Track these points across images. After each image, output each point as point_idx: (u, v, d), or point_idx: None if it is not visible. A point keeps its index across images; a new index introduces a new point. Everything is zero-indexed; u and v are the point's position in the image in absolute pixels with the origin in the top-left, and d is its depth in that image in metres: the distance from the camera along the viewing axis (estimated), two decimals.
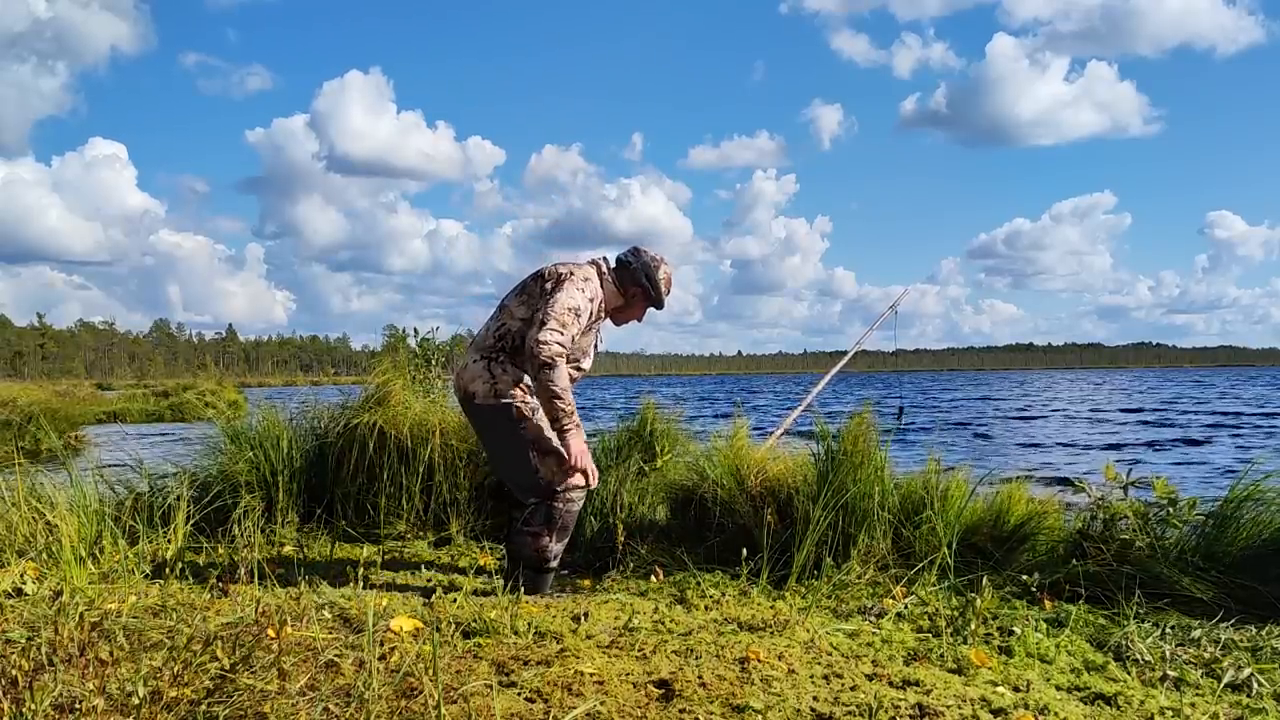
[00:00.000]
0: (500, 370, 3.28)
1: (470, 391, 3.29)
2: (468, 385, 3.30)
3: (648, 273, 3.53)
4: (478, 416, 3.33)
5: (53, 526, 3.54)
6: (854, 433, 3.75)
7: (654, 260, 3.56)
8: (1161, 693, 2.28)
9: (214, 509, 4.18)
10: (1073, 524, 3.69)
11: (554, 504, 3.25)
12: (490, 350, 3.32)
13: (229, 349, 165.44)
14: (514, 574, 3.26)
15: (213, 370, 43.80)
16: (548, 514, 3.25)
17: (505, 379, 3.27)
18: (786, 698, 1.96)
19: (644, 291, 3.54)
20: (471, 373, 3.31)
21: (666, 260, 3.60)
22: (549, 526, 3.25)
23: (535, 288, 3.34)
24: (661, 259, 3.58)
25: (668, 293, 3.62)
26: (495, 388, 3.26)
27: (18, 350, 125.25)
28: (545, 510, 3.25)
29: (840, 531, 3.62)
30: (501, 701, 1.87)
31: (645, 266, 3.53)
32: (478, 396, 3.28)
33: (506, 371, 3.28)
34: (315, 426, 4.69)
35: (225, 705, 1.70)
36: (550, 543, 3.26)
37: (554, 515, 3.25)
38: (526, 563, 3.25)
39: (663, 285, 3.58)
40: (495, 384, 3.26)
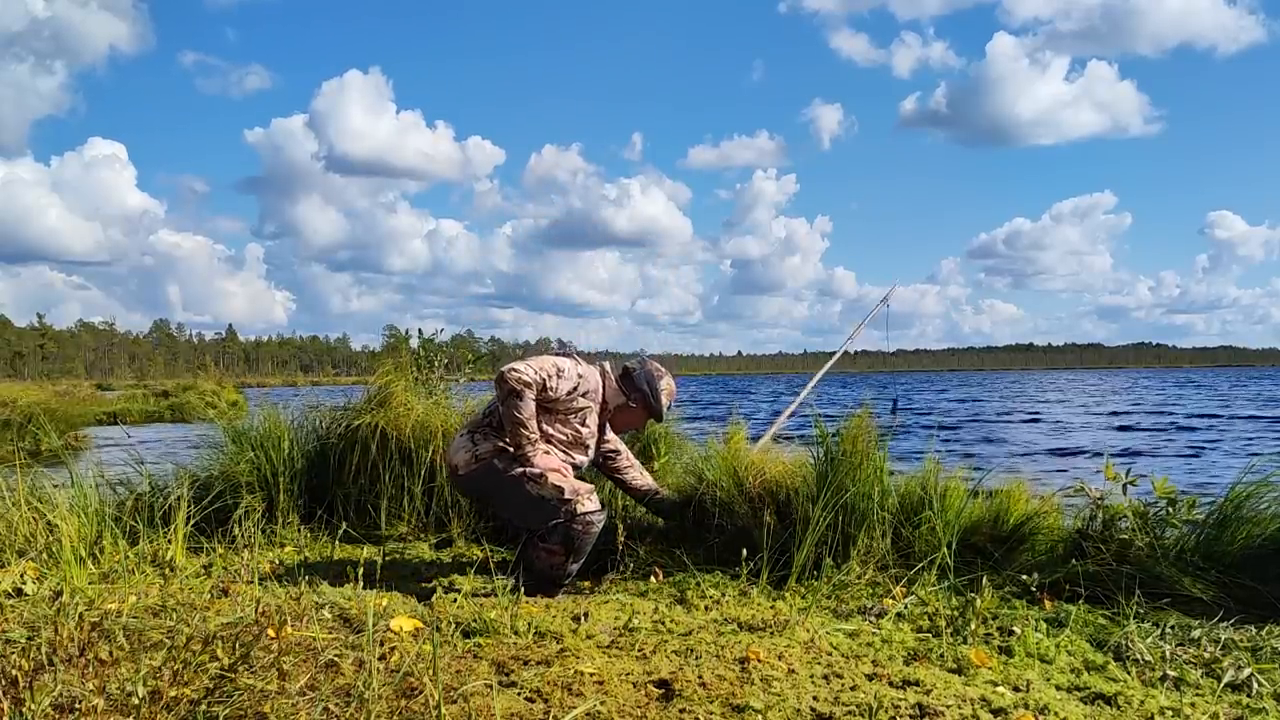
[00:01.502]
0: (481, 438, 3.44)
1: (453, 465, 3.45)
2: (451, 459, 3.46)
3: (650, 381, 3.66)
4: (468, 486, 3.48)
5: (53, 526, 3.54)
6: (853, 433, 3.75)
7: (658, 371, 3.69)
8: (1161, 693, 2.28)
9: (215, 509, 4.18)
10: (1072, 524, 3.68)
11: (572, 525, 3.28)
12: (477, 425, 3.49)
13: (229, 349, 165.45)
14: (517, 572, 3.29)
15: (213, 370, 43.75)
16: (565, 534, 3.28)
17: (485, 445, 3.42)
18: (786, 698, 1.96)
19: (643, 398, 3.64)
20: (455, 446, 3.48)
21: (669, 374, 3.74)
22: (566, 547, 3.29)
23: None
24: (665, 372, 3.72)
25: (669, 405, 3.74)
26: (475, 454, 3.41)
27: (18, 350, 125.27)
28: (564, 532, 3.28)
29: (840, 532, 3.61)
30: (501, 701, 1.88)
31: (649, 376, 3.67)
32: (460, 468, 3.42)
33: (487, 439, 3.43)
34: (317, 427, 4.69)
35: (225, 705, 1.70)
36: (566, 562, 3.31)
37: (571, 536, 3.28)
38: (540, 575, 3.30)
39: (664, 396, 3.68)
40: (475, 450, 3.42)
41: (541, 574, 3.30)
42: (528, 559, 3.33)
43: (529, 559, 3.33)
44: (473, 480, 3.44)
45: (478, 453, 3.42)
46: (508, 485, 3.35)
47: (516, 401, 3.29)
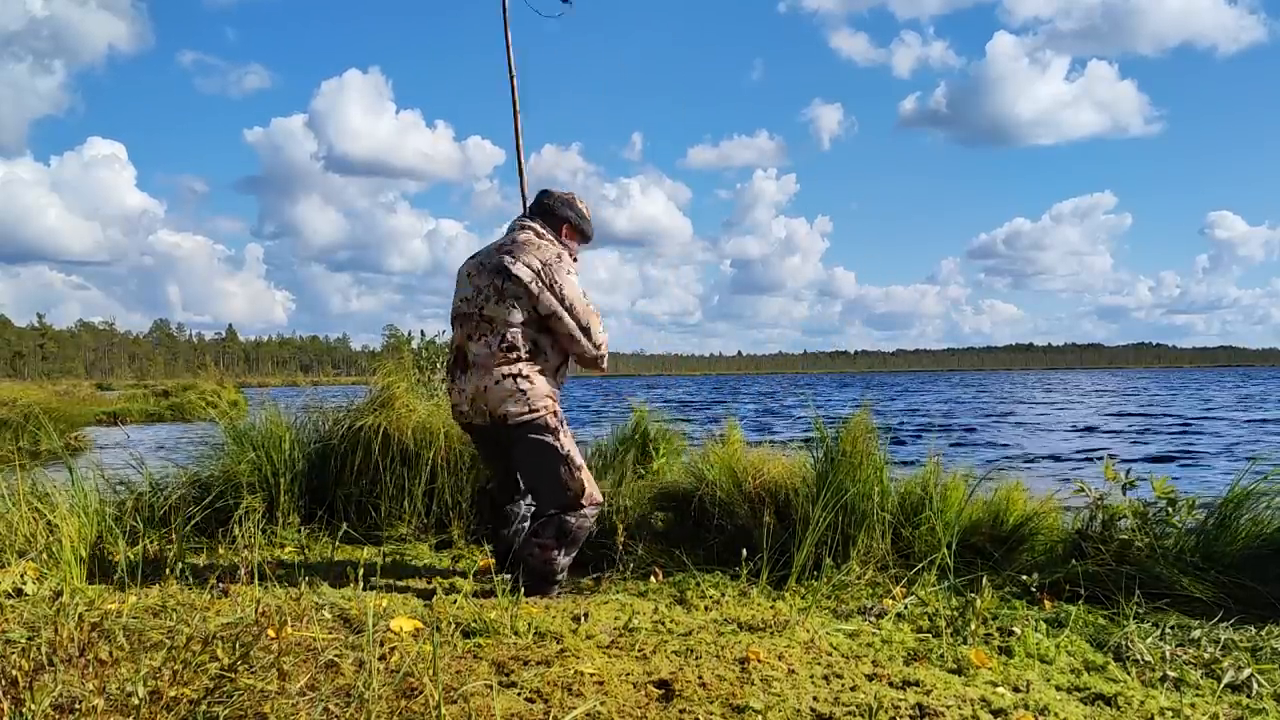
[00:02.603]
0: (528, 384, 3.19)
1: (501, 414, 3.18)
2: (496, 409, 3.18)
3: (569, 205, 3.46)
4: (513, 436, 3.23)
5: (53, 526, 3.54)
6: (853, 433, 3.75)
7: (566, 194, 3.49)
8: (1161, 693, 2.28)
9: (215, 509, 4.18)
10: (1072, 524, 3.68)
11: (568, 518, 3.23)
12: (505, 365, 3.19)
13: (229, 349, 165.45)
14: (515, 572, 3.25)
15: (213, 370, 43.62)
16: (561, 527, 3.22)
17: (535, 390, 3.20)
18: (786, 698, 1.96)
19: (571, 226, 3.45)
20: (499, 394, 3.17)
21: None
22: (560, 540, 3.23)
23: (516, 288, 3.18)
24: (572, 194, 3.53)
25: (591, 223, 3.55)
26: (529, 403, 3.18)
27: (18, 350, 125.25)
28: (559, 524, 3.23)
29: (839, 532, 3.62)
30: (501, 701, 1.88)
31: (562, 200, 3.45)
32: (510, 417, 3.18)
33: (534, 383, 3.20)
34: (318, 428, 4.69)
35: (225, 705, 1.70)
36: (559, 556, 3.24)
37: (567, 529, 3.23)
38: (533, 572, 3.23)
39: (586, 212, 3.51)
40: (528, 399, 3.18)
41: (535, 570, 3.23)
42: (522, 556, 3.28)
43: (523, 555, 3.27)
44: (518, 433, 3.21)
45: (531, 402, 3.19)
46: (549, 453, 3.23)
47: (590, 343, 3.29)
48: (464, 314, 3.28)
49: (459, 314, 3.31)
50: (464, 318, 3.28)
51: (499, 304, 3.20)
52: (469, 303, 3.27)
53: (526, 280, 3.17)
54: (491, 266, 3.24)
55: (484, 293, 3.23)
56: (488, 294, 3.22)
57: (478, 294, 3.25)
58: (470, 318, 3.26)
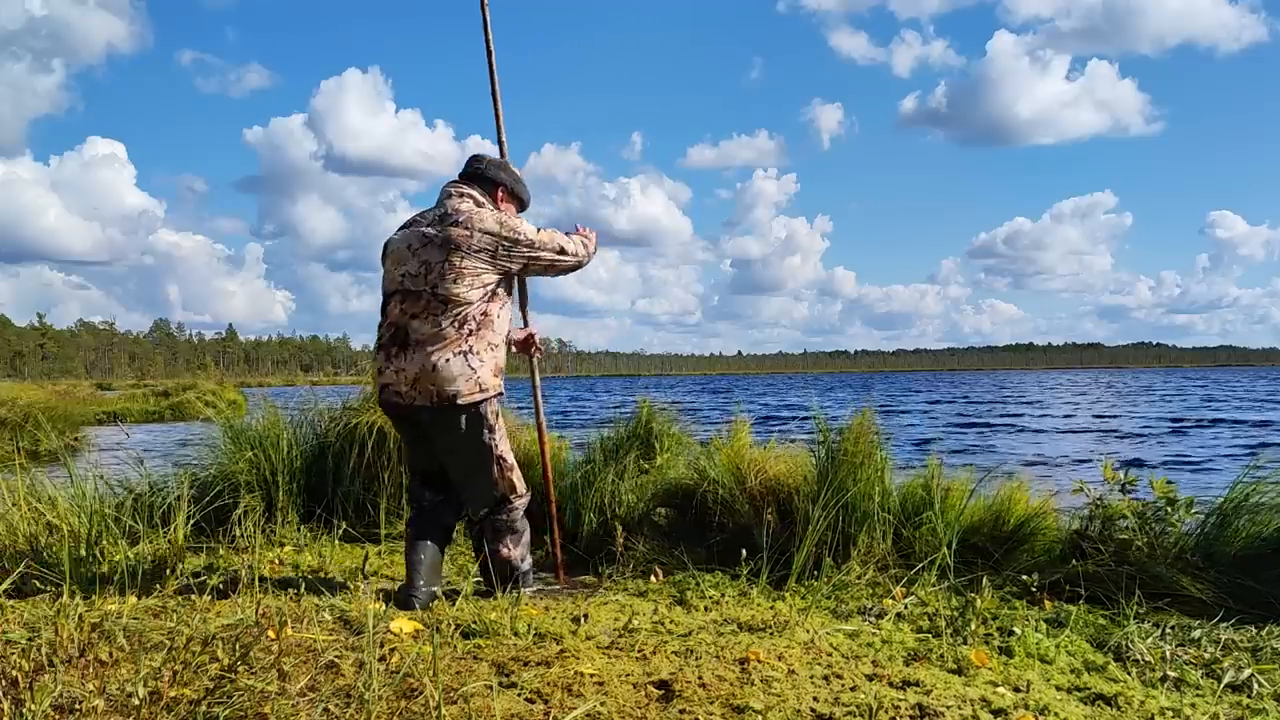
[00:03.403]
0: (478, 362, 3.07)
1: (451, 393, 3.03)
2: (445, 387, 3.03)
3: (502, 168, 3.36)
4: (454, 418, 3.09)
5: (53, 526, 3.54)
6: (855, 433, 3.75)
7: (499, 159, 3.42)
8: (1162, 693, 2.28)
9: (214, 509, 4.18)
10: (1072, 524, 3.68)
11: (498, 516, 3.23)
12: (457, 343, 3.05)
13: (229, 349, 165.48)
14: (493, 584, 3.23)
15: (213, 370, 43.69)
16: (495, 528, 3.24)
17: (484, 369, 3.09)
18: (786, 698, 1.96)
19: (507, 190, 3.34)
20: (449, 373, 3.02)
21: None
22: (501, 539, 3.24)
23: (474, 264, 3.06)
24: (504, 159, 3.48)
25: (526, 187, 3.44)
26: (479, 383, 3.07)
27: (18, 350, 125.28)
28: (492, 525, 3.24)
29: (840, 531, 3.61)
30: (501, 702, 1.88)
31: (495, 164, 3.36)
32: (460, 396, 3.04)
33: (484, 362, 3.09)
34: (315, 426, 4.69)
35: (225, 706, 1.70)
36: (510, 550, 3.25)
37: (500, 527, 3.24)
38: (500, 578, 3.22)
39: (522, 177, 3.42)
40: (477, 377, 3.07)
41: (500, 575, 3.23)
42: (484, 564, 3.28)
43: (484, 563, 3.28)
44: (460, 415, 3.09)
45: (481, 380, 3.08)
46: (483, 452, 3.17)
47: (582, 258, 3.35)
48: (409, 291, 3.08)
49: (402, 290, 3.10)
50: (408, 295, 3.08)
51: (455, 283, 3.03)
52: (417, 279, 3.06)
53: (488, 248, 3.08)
54: (442, 241, 3.06)
55: (435, 270, 3.04)
56: (441, 271, 3.04)
57: (428, 270, 3.05)
58: (418, 295, 3.06)
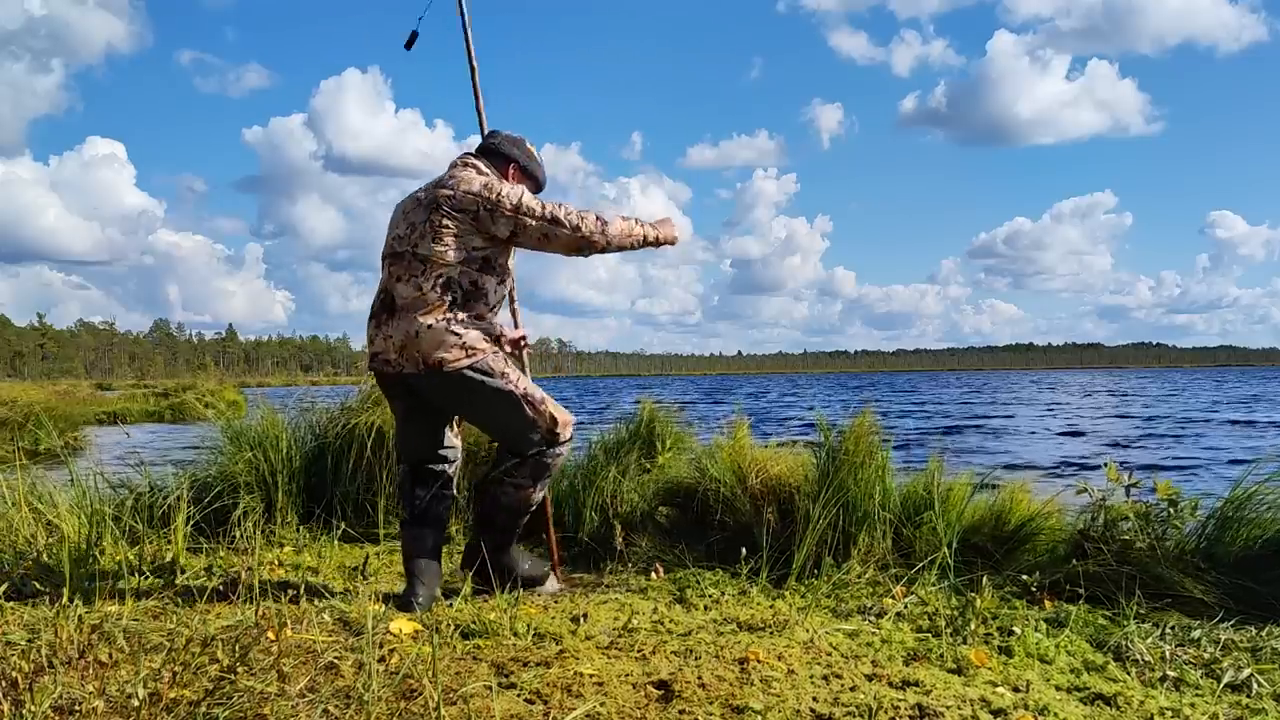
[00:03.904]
0: (462, 329, 2.93)
1: (437, 360, 2.90)
2: (430, 354, 2.90)
3: (517, 145, 3.25)
4: (452, 385, 2.96)
5: (53, 527, 3.54)
6: (856, 433, 3.75)
7: (514, 136, 3.28)
8: (1161, 693, 2.28)
9: (214, 509, 4.18)
10: (1074, 524, 3.68)
11: (545, 457, 3.08)
12: (439, 306, 2.92)
13: (229, 349, 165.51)
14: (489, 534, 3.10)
15: (213, 370, 43.66)
16: (538, 466, 3.07)
17: (472, 334, 2.94)
18: (786, 698, 1.96)
19: (519, 166, 3.23)
20: (431, 339, 2.90)
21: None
22: (536, 480, 3.09)
23: (456, 224, 2.94)
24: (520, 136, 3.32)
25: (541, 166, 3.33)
26: (465, 346, 2.92)
27: (18, 350, 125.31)
28: (534, 463, 3.06)
29: (840, 530, 3.61)
30: (501, 703, 1.88)
31: (510, 140, 3.25)
32: (447, 363, 2.90)
33: (469, 327, 2.94)
34: (314, 427, 4.69)
35: (225, 707, 1.70)
36: (534, 492, 3.11)
37: (542, 471, 3.09)
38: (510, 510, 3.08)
39: (535, 154, 3.30)
40: (464, 342, 2.92)
41: (510, 506, 3.08)
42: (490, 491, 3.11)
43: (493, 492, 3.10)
44: (456, 380, 2.94)
45: (468, 345, 2.93)
46: (500, 396, 2.99)
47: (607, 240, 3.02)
48: (395, 253, 3.02)
49: (390, 253, 3.05)
50: (395, 257, 3.01)
51: (435, 241, 2.93)
52: (401, 240, 3.00)
53: (469, 208, 2.94)
54: (428, 201, 2.99)
55: (418, 229, 2.96)
56: (423, 230, 2.95)
57: (412, 231, 2.98)
58: (401, 257, 2.98)
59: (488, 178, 3.03)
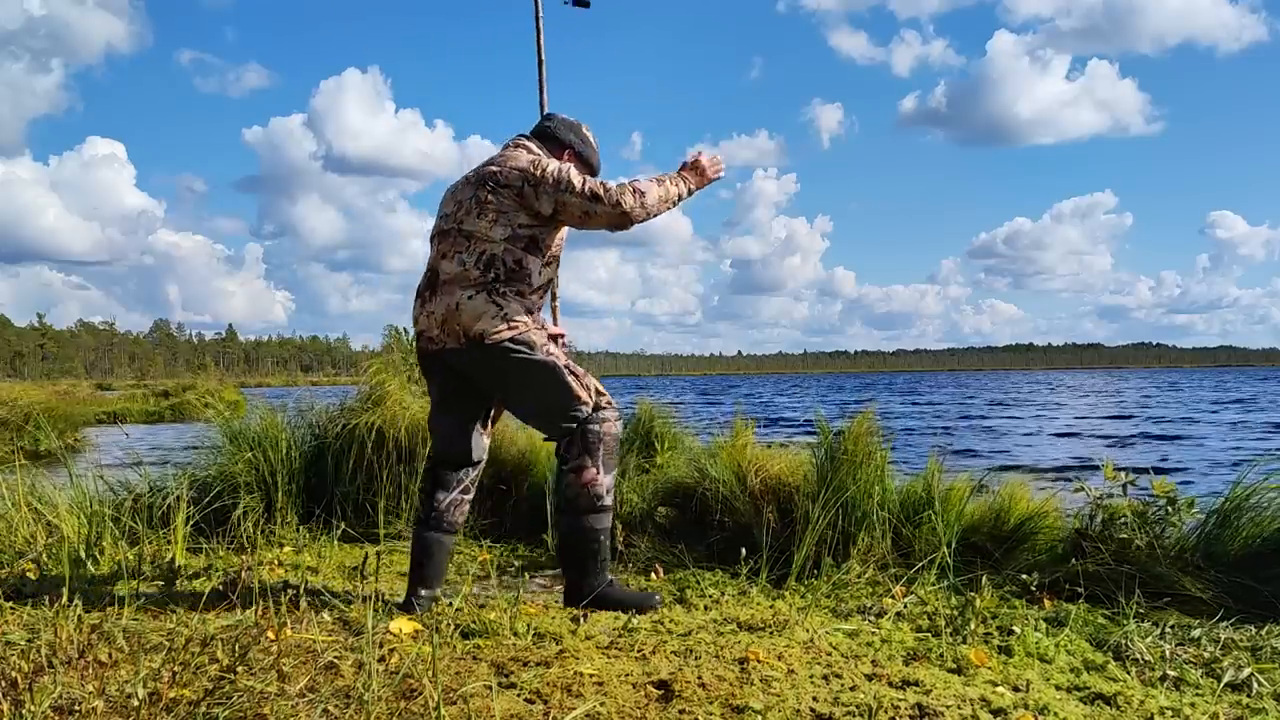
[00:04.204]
0: (504, 301, 2.87)
1: (478, 332, 2.83)
2: (471, 326, 2.84)
3: (573, 130, 3.18)
4: (493, 358, 2.88)
5: (53, 527, 3.54)
6: (855, 433, 3.75)
7: (571, 120, 3.22)
8: (1161, 692, 2.28)
9: (214, 509, 4.18)
10: (1073, 523, 3.68)
11: (590, 426, 2.90)
12: (482, 282, 2.87)
13: (229, 349, 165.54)
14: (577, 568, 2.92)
15: (213, 370, 43.66)
16: (585, 438, 2.90)
17: (513, 307, 2.88)
18: (786, 698, 1.96)
19: (575, 153, 3.15)
20: (472, 310, 2.84)
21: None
22: (590, 454, 2.89)
23: (501, 199, 2.90)
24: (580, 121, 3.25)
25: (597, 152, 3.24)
26: (507, 319, 2.85)
27: (18, 350, 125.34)
28: (582, 436, 2.90)
29: (840, 530, 3.62)
30: (501, 702, 1.88)
31: (566, 124, 3.18)
32: (488, 335, 2.83)
33: (510, 301, 2.88)
34: (314, 427, 4.70)
35: (224, 707, 1.70)
36: (599, 474, 2.90)
37: (591, 439, 2.89)
38: (577, 507, 2.90)
39: (591, 140, 3.22)
40: (505, 315, 2.85)
41: (578, 502, 2.89)
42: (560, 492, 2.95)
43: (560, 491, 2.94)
44: (496, 352, 2.86)
45: (510, 317, 2.85)
46: (542, 368, 2.89)
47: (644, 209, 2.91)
48: (442, 231, 3.00)
49: (437, 231, 3.03)
50: (441, 235, 3.00)
51: (480, 217, 2.90)
52: (448, 219, 2.99)
53: (514, 183, 2.89)
54: (476, 179, 2.98)
55: (464, 206, 2.95)
56: (469, 207, 2.93)
57: (458, 208, 2.96)
58: (448, 234, 2.96)
59: (536, 156, 2.99)
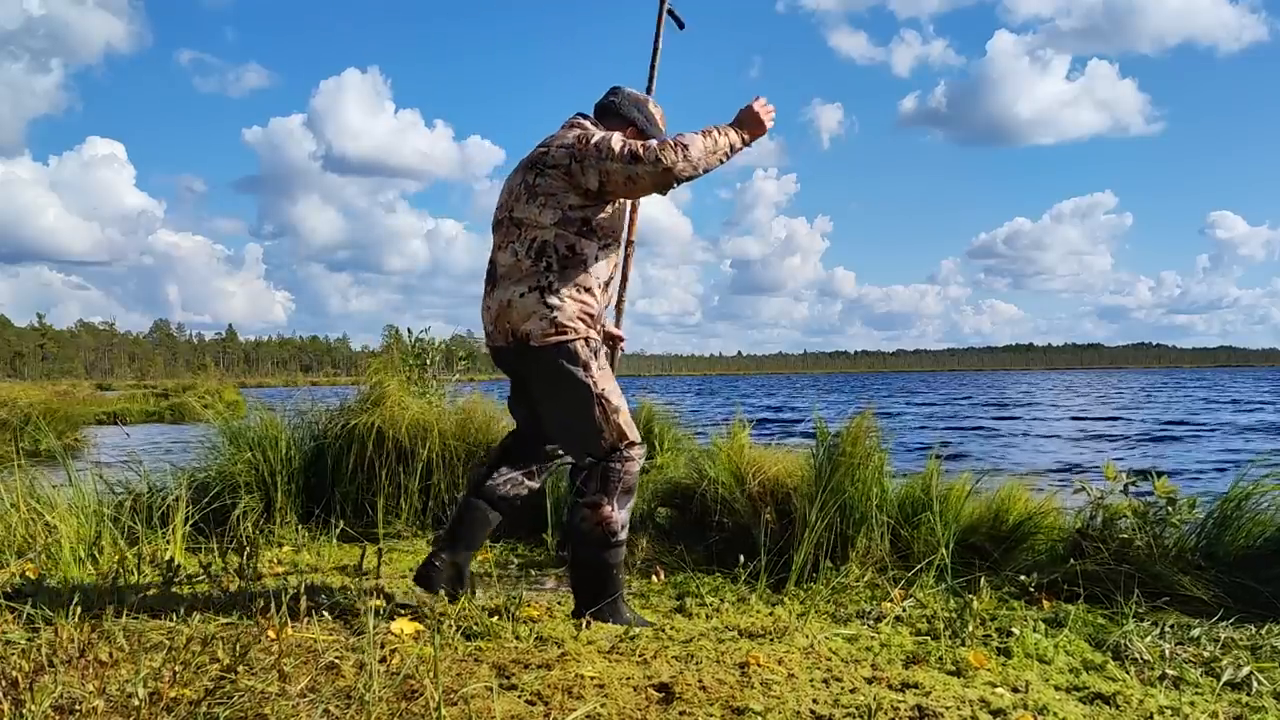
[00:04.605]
0: (556, 300, 2.71)
1: (524, 333, 2.72)
2: (518, 326, 2.73)
3: (637, 106, 2.98)
4: (535, 363, 2.77)
5: (52, 527, 3.54)
6: (853, 435, 3.75)
7: (639, 95, 3.04)
8: (1161, 692, 2.29)
9: (213, 509, 4.18)
10: (1072, 523, 3.69)
11: (611, 464, 2.75)
12: (534, 276, 2.72)
13: (229, 349, 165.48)
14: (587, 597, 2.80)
15: (213, 371, 43.59)
16: (605, 476, 2.75)
17: (564, 309, 2.71)
18: (786, 700, 1.97)
19: (638, 130, 2.95)
20: (522, 310, 2.72)
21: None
22: (607, 492, 2.74)
23: (549, 181, 2.75)
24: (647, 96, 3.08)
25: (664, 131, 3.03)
26: (555, 321, 2.70)
27: (18, 350, 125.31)
28: (602, 473, 2.75)
29: (838, 533, 3.61)
30: (502, 704, 1.88)
31: (631, 99, 2.99)
32: (533, 337, 2.70)
33: (563, 301, 2.72)
34: (313, 427, 4.70)
35: (225, 706, 1.71)
36: (613, 511, 2.75)
37: (611, 477, 2.75)
38: (590, 541, 2.76)
39: (658, 119, 3.03)
40: (554, 317, 2.70)
41: (590, 537, 2.76)
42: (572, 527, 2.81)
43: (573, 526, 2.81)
44: (542, 358, 2.73)
45: (558, 320, 2.70)
46: (578, 390, 2.73)
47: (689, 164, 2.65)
48: (497, 220, 2.90)
49: (494, 221, 2.93)
50: (496, 225, 2.89)
51: (529, 202, 2.76)
52: (502, 208, 2.88)
53: (562, 162, 2.73)
54: (527, 163, 2.85)
55: (514, 192, 2.83)
56: (518, 193, 2.81)
57: (510, 195, 2.85)
58: (501, 224, 2.86)
59: (584, 130, 2.82)
